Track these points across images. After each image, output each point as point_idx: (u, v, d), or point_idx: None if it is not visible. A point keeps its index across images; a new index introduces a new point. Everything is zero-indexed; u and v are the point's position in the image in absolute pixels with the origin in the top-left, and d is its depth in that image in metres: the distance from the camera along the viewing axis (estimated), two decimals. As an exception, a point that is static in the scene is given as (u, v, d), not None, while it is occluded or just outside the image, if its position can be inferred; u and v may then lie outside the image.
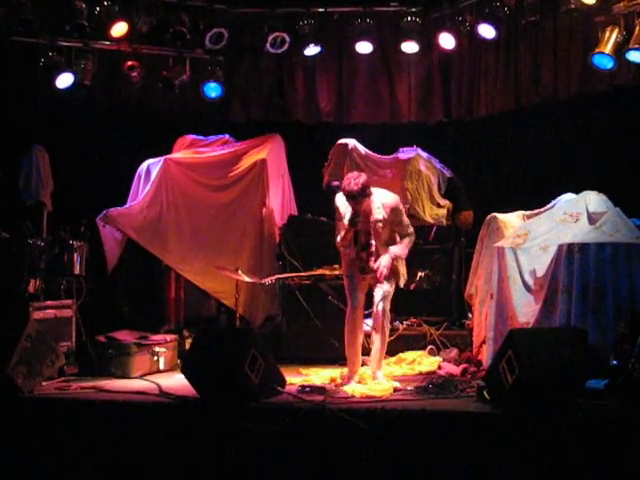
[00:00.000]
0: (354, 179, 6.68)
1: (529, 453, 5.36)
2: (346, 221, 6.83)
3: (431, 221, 9.07)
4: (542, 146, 9.63)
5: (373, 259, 6.89)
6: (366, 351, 7.98)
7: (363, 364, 7.71)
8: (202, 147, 9.83)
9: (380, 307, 6.89)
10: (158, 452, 5.88)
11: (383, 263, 6.79)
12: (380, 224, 6.84)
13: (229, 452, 5.74)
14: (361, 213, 6.79)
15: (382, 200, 6.89)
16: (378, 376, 6.92)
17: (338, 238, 6.97)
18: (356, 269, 6.99)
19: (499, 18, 8.94)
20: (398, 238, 6.97)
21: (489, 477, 5.41)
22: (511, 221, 7.89)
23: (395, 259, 6.87)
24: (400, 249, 6.92)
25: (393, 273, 6.93)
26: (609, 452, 5.26)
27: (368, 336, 8.08)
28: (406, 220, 7.02)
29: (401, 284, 7.09)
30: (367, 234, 6.90)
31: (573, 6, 8.35)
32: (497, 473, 5.39)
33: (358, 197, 6.67)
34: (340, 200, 6.94)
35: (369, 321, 8.17)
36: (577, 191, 7.77)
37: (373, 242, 6.89)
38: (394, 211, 6.88)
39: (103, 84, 9.75)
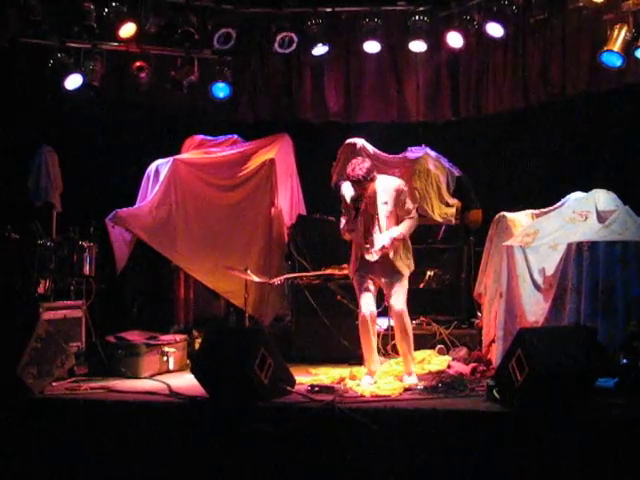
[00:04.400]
0: (359, 164, 6.79)
1: (539, 452, 5.36)
2: (349, 200, 6.91)
3: (440, 220, 9.07)
4: (551, 144, 9.61)
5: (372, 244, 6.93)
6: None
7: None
8: (211, 147, 9.85)
9: (398, 308, 6.93)
10: (168, 452, 5.90)
11: (381, 241, 6.84)
12: (385, 206, 6.90)
13: (239, 452, 5.75)
14: (366, 197, 6.86)
15: (386, 183, 6.98)
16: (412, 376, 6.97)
17: (342, 223, 7.03)
18: (365, 264, 6.99)
19: (507, 16, 8.92)
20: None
21: (499, 476, 5.41)
22: (520, 220, 7.89)
23: (395, 239, 6.84)
24: (401, 227, 6.91)
25: (401, 259, 6.96)
26: (619, 451, 5.25)
27: (377, 335, 8.10)
28: (410, 203, 7.05)
29: (404, 272, 7.06)
30: (372, 219, 6.94)
31: (582, 4, 8.34)
32: (507, 472, 5.39)
33: (364, 182, 6.76)
34: (346, 189, 7.01)
35: (379, 321, 8.19)
36: (586, 189, 7.76)
37: (378, 227, 6.92)
38: (398, 193, 6.95)
39: (112, 85, 9.76)
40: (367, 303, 6.98)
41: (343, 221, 7.03)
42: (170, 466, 5.89)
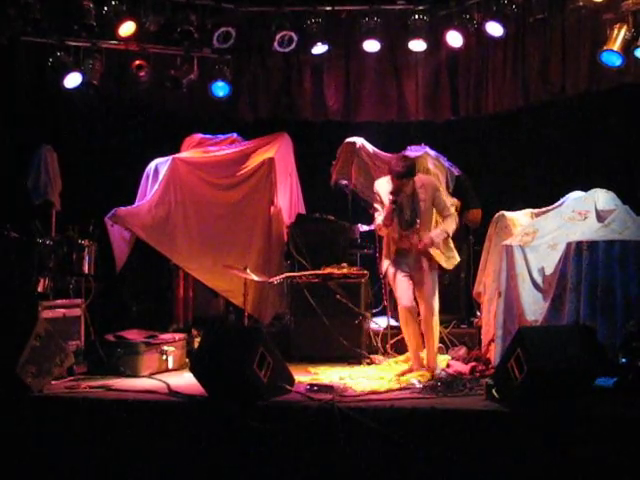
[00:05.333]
0: (399, 159, 7.13)
1: (537, 451, 5.36)
2: (387, 199, 7.09)
3: (439, 219, 9.05)
4: (550, 144, 9.62)
5: (417, 237, 7.14)
6: (375, 349, 8.04)
7: (371, 363, 7.75)
8: (210, 146, 9.84)
9: (430, 304, 7.19)
10: (167, 450, 5.90)
11: (430, 237, 7.07)
12: (423, 203, 7.13)
13: (237, 451, 5.75)
14: (404, 192, 7.08)
15: (424, 181, 7.28)
16: (436, 373, 7.09)
17: (379, 219, 7.19)
18: (399, 257, 7.21)
19: (507, 16, 8.92)
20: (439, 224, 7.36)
21: (498, 475, 5.41)
22: (519, 219, 7.89)
23: (438, 238, 7.11)
24: (444, 227, 7.20)
25: (444, 255, 7.30)
26: (618, 450, 5.25)
27: (376, 334, 8.12)
28: (447, 201, 7.49)
29: (450, 266, 7.48)
30: (412, 212, 7.15)
31: (581, 3, 8.35)
32: (506, 471, 5.39)
33: (403, 177, 6.99)
34: (380, 185, 7.21)
35: (378, 320, 8.21)
36: (585, 189, 7.76)
37: (418, 220, 7.13)
38: (435, 192, 7.23)
39: (111, 84, 9.76)
40: (405, 296, 7.18)
41: (378, 217, 7.19)
42: (169, 465, 5.89)
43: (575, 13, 8.62)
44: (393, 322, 8.26)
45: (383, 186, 7.16)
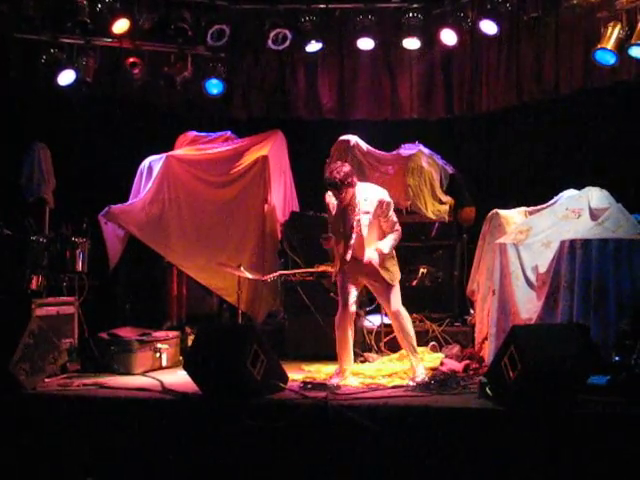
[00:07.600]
0: (337, 168, 6.75)
1: (531, 449, 5.36)
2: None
3: (433, 217, 9.06)
4: (544, 142, 9.63)
5: (354, 250, 6.91)
6: (368, 347, 8.04)
7: (365, 361, 7.75)
8: (204, 144, 9.82)
9: (394, 308, 6.97)
10: (160, 448, 5.89)
11: (369, 254, 6.79)
12: (367, 215, 6.83)
13: (231, 448, 5.75)
14: (346, 205, 6.85)
15: (369, 193, 6.91)
16: (418, 372, 6.94)
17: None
18: (350, 265, 6.98)
19: (501, 14, 8.93)
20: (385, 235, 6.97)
21: (491, 473, 5.42)
22: (513, 217, 7.90)
23: (381, 253, 6.80)
24: (385, 244, 6.85)
25: (389, 271, 6.95)
26: (611, 448, 5.26)
27: (370, 332, 8.11)
28: (393, 216, 6.97)
29: (392, 282, 7.05)
30: (351, 227, 6.88)
31: (575, 2, 8.36)
32: (499, 469, 5.40)
33: (340, 186, 6.70)
34: (330, 197, 7.01)
35: (372, 318, 8.21)
36: (579, 187, 7.77)
37: (354, 235, 6.86)
38: (381, 204, 6.86)
39: (105, 81, 9.74)
40: (347, 300, 7.04)
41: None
42: (162, 462, 5.88)
43: (569, 11, 8.62)
44: (387, 320, 8.26)
45: (332, 198, 6.99)
